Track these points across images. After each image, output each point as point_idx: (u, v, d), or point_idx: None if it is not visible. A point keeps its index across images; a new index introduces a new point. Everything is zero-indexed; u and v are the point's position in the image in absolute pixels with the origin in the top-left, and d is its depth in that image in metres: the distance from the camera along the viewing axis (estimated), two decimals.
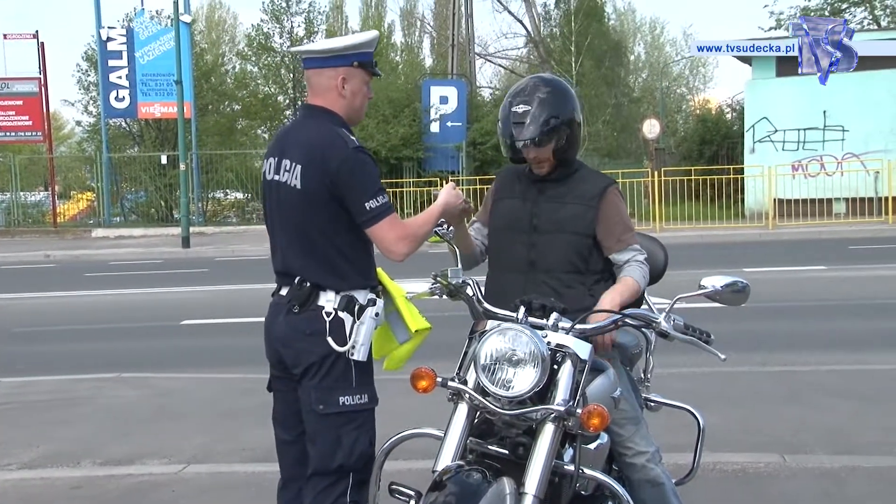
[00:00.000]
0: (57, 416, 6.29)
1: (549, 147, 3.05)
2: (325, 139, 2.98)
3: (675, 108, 52.86)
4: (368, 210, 2.94)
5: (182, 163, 22.39)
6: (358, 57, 3.07)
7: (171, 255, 20.17)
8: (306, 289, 2.99)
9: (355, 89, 3.09)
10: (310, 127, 3.07)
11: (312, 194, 2.96)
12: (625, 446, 3.03)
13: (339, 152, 2.94)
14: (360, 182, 2.94)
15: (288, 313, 3.03)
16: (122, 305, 12.24)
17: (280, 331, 3.06)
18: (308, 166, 2.97)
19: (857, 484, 4.42)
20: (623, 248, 3.09)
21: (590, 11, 35.89)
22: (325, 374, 2.98)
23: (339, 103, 3.08)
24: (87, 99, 32.37)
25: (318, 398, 2.99)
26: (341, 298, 2.98)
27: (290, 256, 3.06)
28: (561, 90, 3.11)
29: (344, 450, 2.99)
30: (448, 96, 27.93)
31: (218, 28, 51.22)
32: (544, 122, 3.01)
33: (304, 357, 2.99)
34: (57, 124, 43.46)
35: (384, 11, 48.89)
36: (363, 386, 3.04)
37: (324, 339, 2.96)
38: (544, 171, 3.13)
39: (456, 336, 3.10)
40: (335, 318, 2.97)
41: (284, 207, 3.06)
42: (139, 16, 27.73)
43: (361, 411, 3.03)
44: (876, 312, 9.42)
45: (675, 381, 6.18)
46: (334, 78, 3.05)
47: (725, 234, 20.12)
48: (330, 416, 2.99)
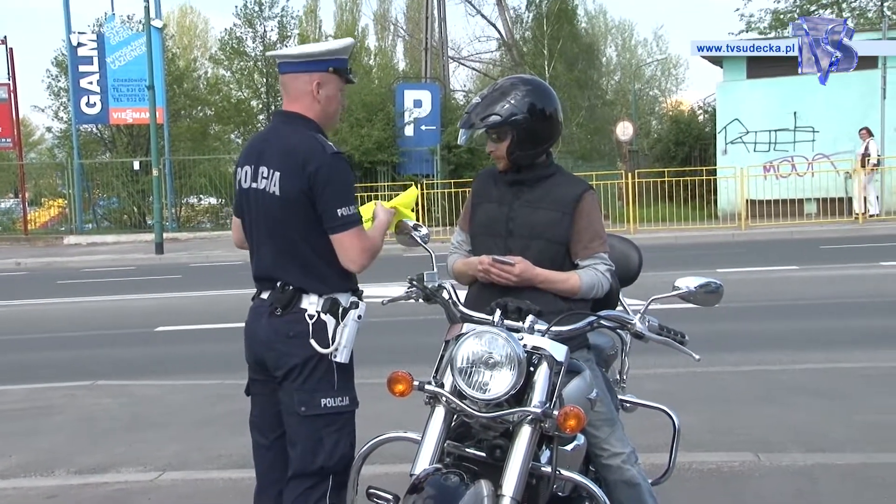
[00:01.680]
0: (30, 426, 6.23)
1: (502, 144, 3.04)
2: (303, 145, 3.00)
3: (647, 111, 53.24)
4: (340, 217, 2.97)
5: (155, 168, 22.21)
6: (333, 63, 3.10)
7: (145, 262, 20.02)
8: (289, 292, 3.02)
9: (330, 95, 3.11)
10: (287, 134, 3.08)
11: (292, 200, 2.99)
12: (601, 447, 3.04)
13: (317, 157, 2.96)
14: (335, 188, 2.98)
15: (270, 316, 3.05)
16: (95, 313, 12.13)
17: (262, 333, 3.08)
18: (286, 172, 2.99)
19: (830, 481, 4.47)
20: (588, 256, 3.06)
21: (561, 14, 36.05)
22: (308, 377, 3.00)
23: (313, 108, 3.10)
24: (58, 105, 32.08)
25: (300, 400, 3.01)
26: (324, 301, 3.01)
27: (273, 262, 3.08)
28: (528, 89, 3.06)
29: (325, 451, 3.01)
30: (422, 100, 27.92)
31: (189, 33, 50.96)
32: (488, 115, 3.01)
33: (287, 359, 3.01)
34: (27, 130, 43.07)
35: (358, 16, 48.93)
36: (345, 388, 3.06)
37: (306, 341, 2.98)
38: (501, 167, 3.13)
39: (432, 339, 3.11)
40: (318, 321, 3.00)
41: (264, 214, 3.08)
42: (109, 21, 27.50)
43: (343, 413, 3.05)
44: (847, 311, 9.53)
45: (651, 381, 6.23)
46: (309, 83, 3.07)
47: (699, 234, 20.26)
48: (312, 417, 3.00)
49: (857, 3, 36.50)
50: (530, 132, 3.03)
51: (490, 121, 3.02)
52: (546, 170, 3.14)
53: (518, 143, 3.03)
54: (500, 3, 37.56)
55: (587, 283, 3.01)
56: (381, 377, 3.00)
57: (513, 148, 3.04)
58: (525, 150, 3.06)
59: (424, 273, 3.07)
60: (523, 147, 3.05)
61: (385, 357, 7.45)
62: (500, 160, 3.10)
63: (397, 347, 8.04)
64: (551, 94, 3.13)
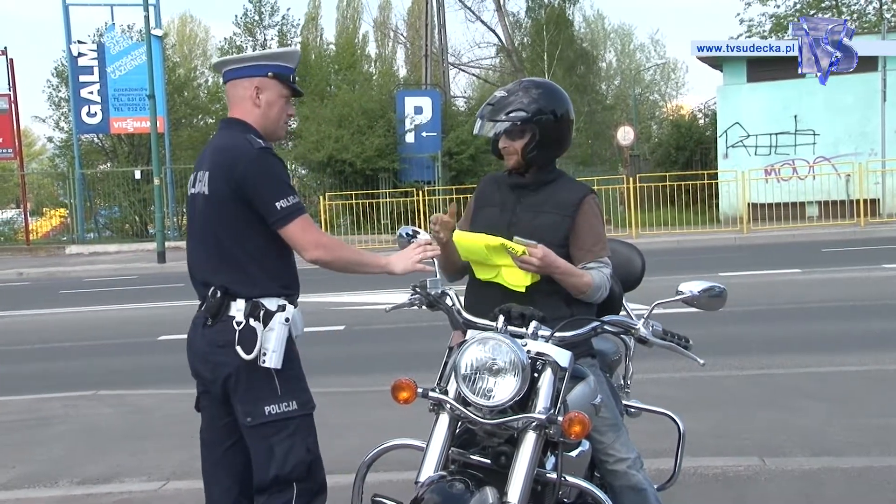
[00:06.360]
0: (33, 436, 6.21)
1: (518, 141, 3.04)
2: (229, 143, 2.99)
3: (648, 115, 53.32)
4: (279, 210, 2.92)
5: (156, 177, 22.24)
6: (274, 69, 3.07)
7: (147, 271, 20.03)
8: (217, 299, 2.97)
9: (270, 100, 3.08)
10: (223, 138, 3.07)
11: (220, 199, 2.95)
12: (606, 453, 3.03)
13: (244, 154, 2.93)
14: (268, 182, 2.92)
15: (204, 327, 3.03)
16: (97, 322, 12.12)
17: (197, 346, 3.07)
18: (215, 173, 2.97)
19: (836, 485, 4.46)
20: (593, 259, 3.04)
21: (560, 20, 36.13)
22: (248, 386, 2.95)
23: (253, 113, 3.07)
24: (59, 115, 32.22)
25: (243, 411, 2.98)
26: (249, 305, 2.95)
27: (204, 266, 3.05)
28: (550, 90, 3.10)
29: (277, 460, 2.96)
30: (422, 106, 27.98)
31: (190, 42, 51.11)
32: (514, 110, 3.01)
33: (220, 370, 2.98)
34: (28, 141, 43.12)
35: (359, 23, 49.00)
36: (291, 393, 3.00)
37: (233, 348, 2.93)
38: (511, 164, 3.11)
39: (436, 346, 3.10)
40: (246, 327, 2.94)
41: (198, 217, 3.06)
42: (110, 31, 27.57)
43: (292, 418, 2.99)
44: (850, 314, 9.51)
45: (655, 386, 6.22)
46: (248, 88, 3.06)
47: (701, 238, 20.25)
48: (258, 427, 2.96)
49: (856, 6, 36.57)
50: (553, 133, 3.05)
51: (515, 115, 3.01)
52: (549, 174, 3.14)
53: (539, 142, 3.03)
54: (499, 8, 37.65)
55: (597, 282, 3.01)
56: (384, 384, 2.99)
57: (532, 147, 3.04)
58: (544, 151, 3.06)
59: (427, 280, 3.06)
60: (543, 147, 3.05)
61: (389, 364, 7.45)
62: (513, 156, 3.09)
63: (401, 354, 8.02)
64: (570, 103, 3.16)
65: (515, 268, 2.92)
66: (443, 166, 26.82)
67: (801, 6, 35.94)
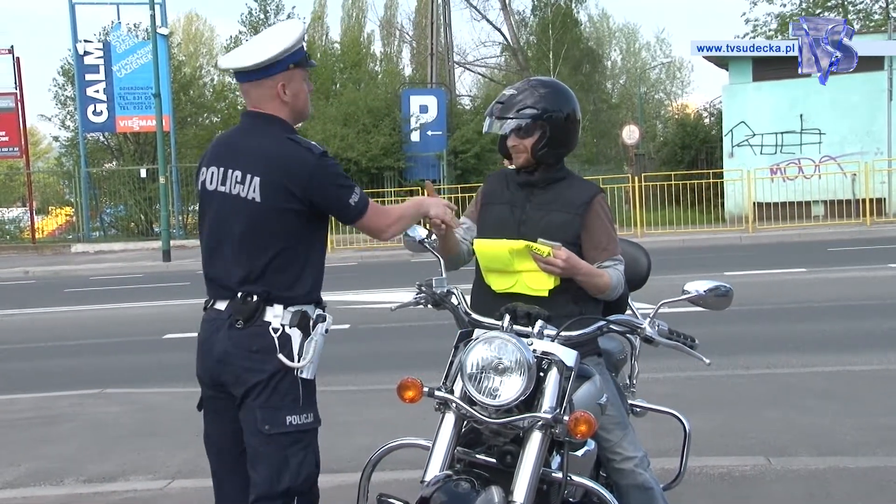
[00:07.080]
0: (39, 434, 6.23)
1: (528, 139, 3.04)
2: (286, 152, 2.88)
3: (653, 114, 53.26)
4: (354, 206, 2.92)
5: (162, 176, 22.29)
6: (292, 58, 2.95)
7: (152, 269, 20.06)
8: (252, 303, 2.86)
9: (296, 90, 2.99)
10: (261, 137, 2.94)
11: (274, 208, 2.86)
12: (612, 452, 3.03)
13: (306, 164, 2.85)
14: (336, 186, 2.90)
15: (230, 328, 2.90)
16: (103, 321, 12.15)
17: (219, 347, 2.92)
18: (270, 180, 2.86)
19: (842, 485, 4.45)
20: (607, 258, 3.05)
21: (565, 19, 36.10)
22: (272, 393, 2.85)
23: (284, 109, 2.98)
24: (65, 113, 32.25)
25: (263, 418, 2.85)
26: (293, 314, 2.88)
27: (235, 270, 2.93)
28: (558, 89, 3.12)
29: (291, 471, 2.88)
30: (428, 105, 27.99)
31: (195, 40, 51.14)
32: (524, 108, 3.02)
33: (249, 376, 2.85)
34: (34, 139, 43.24)
35: (364, 22, 48.97)
36: (309, 405, 2.93)
37: (272, 356, 2.83)
38: (520, 162, 3.11)
39: (442, 345, 3.10)
40: (283, 335, 2.85)
41: (232, 220, 2.93)
42: (116, 29, 27.61)
43: (308, 431, 2.93)
44: (856, 314, 9.50)
45: (661, 386, 6.22)
46: (273, 87, 2.94)
47: (706, 238, 20.23)
48: (277, 436, 2.86)
49: (862, 6, 36.48)
50: (563, 132, 3.07)
51: (526, 113, 3.02)
52: (558, 173, 3.15)
53: (549, 140, 3.04)
54: (504, 7, 37.64)
55: (615, 281, 3.02)
56: (390, 383, 2.99)
57: (543, 145, 3.05)
58: (554, 149, 3.07)
59: (433, 278, 3.06)
60: (553, 145, 3.06)
61: (394, 363, 7.46)
62: (522, 154, 3.09)
63: (406, 353, 8.03)
64: (577, 103, 3.18)
65: (537, 273, 2.92)
66: (448, 165, 26.83)
67: (807, 6, 35.85)
